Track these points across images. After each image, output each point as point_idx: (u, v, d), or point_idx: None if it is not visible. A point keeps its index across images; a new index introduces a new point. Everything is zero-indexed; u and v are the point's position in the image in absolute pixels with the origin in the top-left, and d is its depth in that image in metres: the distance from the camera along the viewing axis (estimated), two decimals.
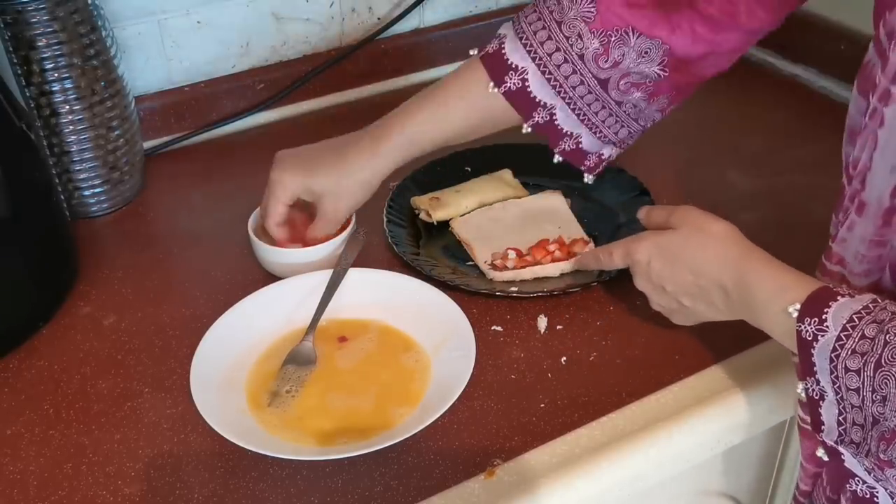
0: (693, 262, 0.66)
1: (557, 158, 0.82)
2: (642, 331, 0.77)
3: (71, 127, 0.89)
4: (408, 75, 1.20)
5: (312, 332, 0.75)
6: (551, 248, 0.84)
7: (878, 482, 0.56)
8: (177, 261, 0.89)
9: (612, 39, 0.74)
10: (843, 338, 0.53)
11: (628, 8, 0.74)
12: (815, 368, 0.55)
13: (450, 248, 0.87)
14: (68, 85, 0.87)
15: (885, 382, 0.51)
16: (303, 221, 0.85)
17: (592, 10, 0.74)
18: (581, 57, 0.75)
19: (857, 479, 0.58)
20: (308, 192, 0.81)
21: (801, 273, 0.60)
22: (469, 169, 0.96)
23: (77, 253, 0.87)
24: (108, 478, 0.65)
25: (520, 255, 0.83)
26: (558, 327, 0.78)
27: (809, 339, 0.55)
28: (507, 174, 0.95)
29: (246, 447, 0.64)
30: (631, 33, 0.74)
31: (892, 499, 0.57)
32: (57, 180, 0.90)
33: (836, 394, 0.54)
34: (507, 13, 1.25)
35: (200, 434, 0.68)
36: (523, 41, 0.77)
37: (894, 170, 0.54)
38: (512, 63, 0.77)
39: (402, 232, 0.88)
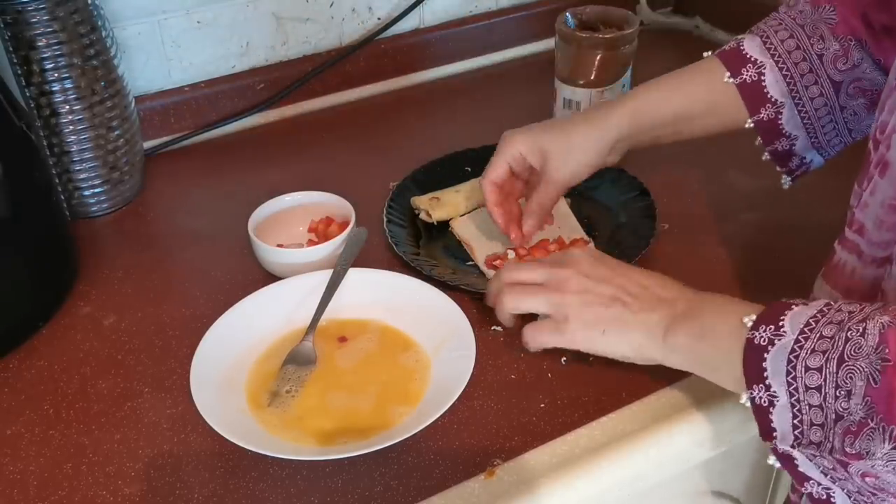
0: (637, 271, 0.68)
1: (766, 157, 0.82)
2: None
3: (71, 127, 0.89)
4: (408, 75, 1.20)
5: (312, 332, 0.75)
6: (551, 248, 0.84)
7: (835, 482, 0.56)
8: (177, 261, 0.89)
9: (852, 44, 0.75)
10: (802, 339, 0.54)
11: (864, 25, 0.75)
12: (765, 374, 0.55)
13: (450, 248, 0.87)
14: (68, 85, 0.87)
15: (850, 377, 0.51)
16: (326, 225, 0.87)
17: (834, 16, 0.75)
18: (820, 57, 0.76)
19: (812, 481, 0.58)
20: (535, 150, 0.81)
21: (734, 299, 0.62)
22: (469, 169, 0.96)
23: (77, 253, 0.87)
24: (108, 478, 0.65)
25: (520, 255, 0.83)
26: None
27: (764, 344, 0.56)
28: None
29: (246, 447, 0.64)
30: (864, 44, 0.75)
31: (850, 498, 0.56)
32: (57, 180, 0.90)
33: (792, 396, 0.54)
34: (507, 13, 1.25)
35: (200, 434, 0.68)
36: (763, 38, 0.78)
37: None
38: (750, 56, 0.78)
39: (402, 232, 0.88)
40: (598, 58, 0.97)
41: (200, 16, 1.05)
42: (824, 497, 0.58)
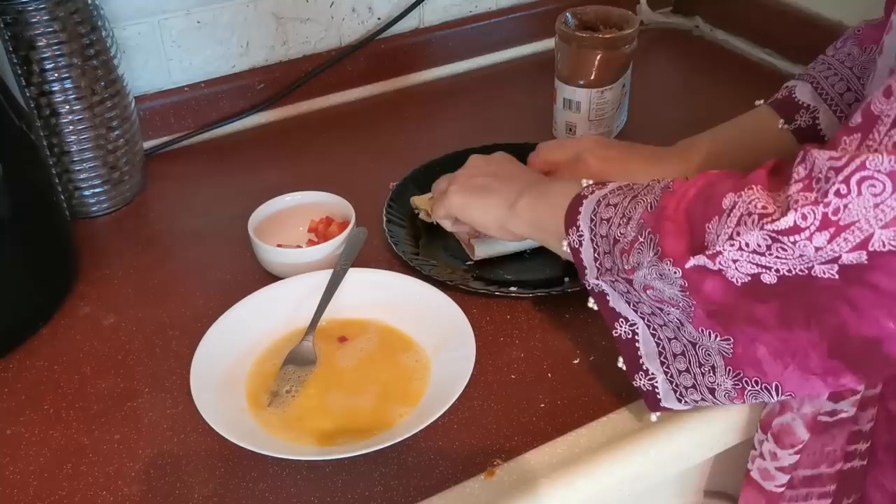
0: (504, 163, 0.79)
1: None
2: None
3: (71, 127, 0.89)
4: (408, 75, 1.20)
5: (312, 332, 0.75)
6: None
7: (635, 311, 0.63)
8: (177, 261, 0.89)
9: (874, 49, 0.76)
10: (616, 188, 0.64)
11: None
12: (578, 217, 0.64)
13: (449, 248, 0.87)
14: (68, 85, 0.87)
15: (634, 207, 0.61)
16: (326, 225, 0.87)
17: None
18: (850, 69, 0.79)
19: (621, 319, 0.64)
20: (596, 149, 0.83)
21: None
22: None
23: (77, 253, 0.87)
24: (108, 478, 0.65)
25: None
26: (558, 328, 0.78)
27: (586, 195, 0.65)
28: None
29: (246, 447, 0.64)
30: None
31: (649, 328, 0.63)
32: (57, 180, 0.90)
33: (591, 232, 0.63)
34: (506, 13, 1.25)
35: (200, 434, 0.68)
36: (813, 84, 0.81)
37: (892, 72, 0.59)
38: (803, 102, 0.81)
39: (401, 232, 0.88)
40: (598, 58, 0.97)
41: (200, 16, 1.05)
42: (630, 336, 0.64)
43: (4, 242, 0.75)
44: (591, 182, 0.67)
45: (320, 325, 0.76)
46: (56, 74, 0.86)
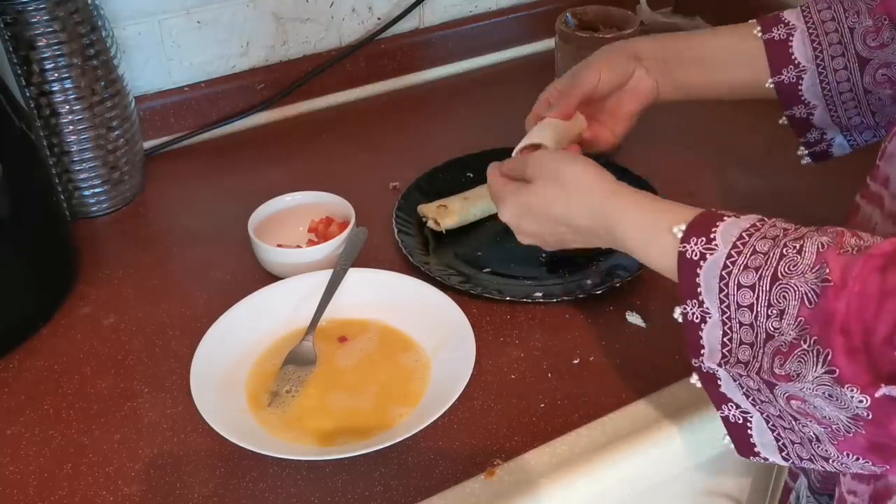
0: (560, 217, 0.67)
1: (783, 121, 0.83)
2: (642, 331, 0.77)
3: (71, 127, 0.89)
4: (408, 75, 1.20)
5: (312, 332, 0.75)
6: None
7: (755, 405, 0.55)
8: (177, 261, 0.89)
9: (886, 23, 0.75)
10: (734, 255, 0.53)
11: None
12: (698, 290, 0.54)
13: (460, 254, 0.87)
14: (68, 85, 0.87)
15: (784, 296, 0.50)
16: (326, 225, 0.87)
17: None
18: (851, 30, 0.77)
19: (730, 404, 0.57)
20: (566, 75, 0.83)
21: (672, 201, 0.61)
22: (471, 175, 0.95)
23: (77, 253, 0.87)
24: (108, 478, 0.65)
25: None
26: (558, 328, 0.78)
27: (696, 258, 0.54)
28: None
29: (246, 447, 0.64)
30: None
31: (768, 423, 0.56)
32: (57, 180, 0.90)
33: (723, 314, 0.53)
34: (506, 13, 1.25)
35: (200, 434, 0.68)
36: (802, 8, 0.80)
37: None
38: (784, 19, 0.80)
39: (411, 240, 0.87)
40: None
41: (200, 16, 1.05)
42: (740, 421, 0.57)
43: (4, 242, 0.75)
44: (681, 227, 0.57)
45: (320, 325, 0.76)
46: (56, 74, 0.86)
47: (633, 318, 0.78)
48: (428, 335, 0.75)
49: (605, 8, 1.01)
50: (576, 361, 0.74)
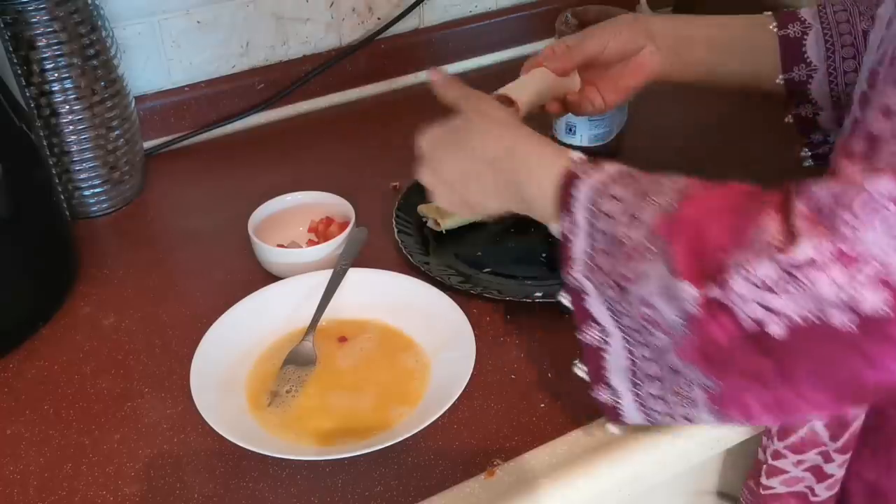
0: (471, 141, 0.67)
1: (789, 119, 0.83)
2: None
3: (71, 127, 0.89)
4: (408, 75, 1.20)
5: (312, 332, 0.75)
6: None
7: (614, 318, 0.58)
8: (177, 261, 0.89)
9: None
10: (616, 176, 0.58)
11: None
12: (571, 203, 0.58)
13: (461, 254, 0.87)
14: (68, 85, 0.87)
15: (643, 206, 0.54)
16: (326, 225, 0.87)
17: None
18: (864, 33, 0.77)
19: (591, 322, 0.59)
20: (577, 36, 0.82)
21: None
22: None
23: (77, 253, 0.87)
24: (108, 478, 0.65)
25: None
26: (558, 328, 0.78)
27: (579, 175, 0.59)
28: None
29: (246, 447, 0.64)
30: None
31: (626, 342, 0.58)
32: (57, 180, 0.90)
33: (590, 225, 0.57)
34: (506, 13, 1.25)
35: (200, 434, 0.68)
36: (819, 7, 0.80)
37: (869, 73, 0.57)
38: (801, 17, 0.80)
39: (410, 240, 0.87)
40: None
41: (200, 16, 1.05)
42: (599, 344, 0.60)
43: (4, 242, 0.75)
44: (580, 157, 0.61)
45: (320, 325, 0.76)
46: (56, 74, 0.86)
47: None
48: (428, 335, 0.75)
49: (605, 8, 1.01)
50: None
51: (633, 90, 0.83)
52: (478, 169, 0.66)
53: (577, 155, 0.62)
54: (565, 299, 0.61)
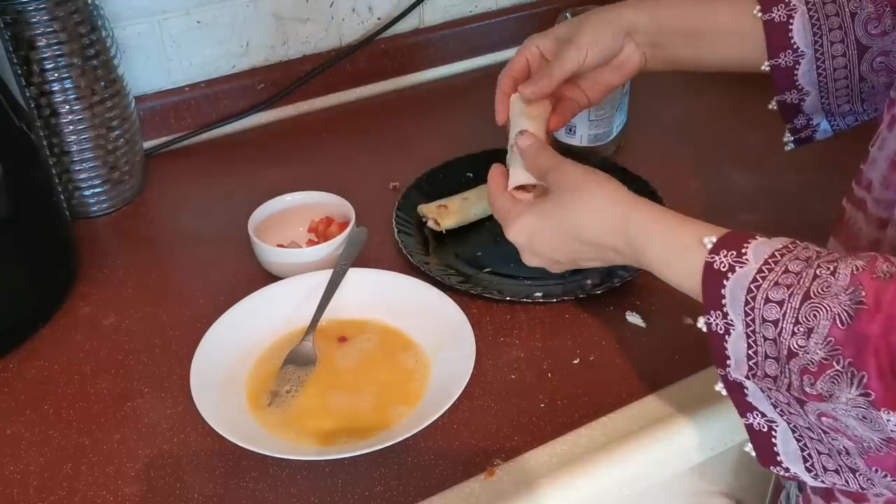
0: (577, 230, 0.65)
1: (772, 106, 0.81)
2: (642, 331, 0.77)
3: (71, 127, 0.89)
4: (408, 75, 1.20)
5: (312, 332, 0.75)
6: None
7: (783, 416, 0.55)
8: (177, 261, 0.89)
9: (887, 10, 0.73)
10: (765, 270, 0.52)
11: None
12: (723, 301, 0.54)
13: (461, 254, 0.87)
14: (68, 85, 0.87)
15: (814, 315, 0.49)
16: (326, 225, 0.86)
17: None
18: (853, 16, 0.75)
19: (756, 412, 0.56)
20: (550, 41, 0.80)
21: (693, 218, 0.60)
22: (471, 175, 0.95)
23: (77, 253, 0.87)
24: (108, 478, 0.65)
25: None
26: (558, 328, 0.78)
27: (724, 270, 0.54)
28: None
29: (246, 447, 0.64)
30: None
31: (794, 433, 0.55)
32: (57, 180, 0.90)
33: (748, 327, 0.53)
34: (507, 13, 1.25)
35: (200, 434, 0.68)
36: None
37: None
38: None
39: (411, 240, 0.87)
40: None
41: (200, 16, 1.05)
42: (765, 430, 0.57)
43: (4, 242, 0.75)
44: (711, 238, 0.56)
45: (320, 325, 0.76)
46: (56, 74, 0.86)
47: (633, 318, 0.78)
48: (428, 335, 0.75)
49: (604, 8, 1.01)
50: (576, 361, 0.74)
51: (616, 87, 0.83)
52: (587, 247, 0.65)
53: (706, 235, 0.57)
54: (720, 388, 0.57)
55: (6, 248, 0.76)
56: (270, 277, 0.83)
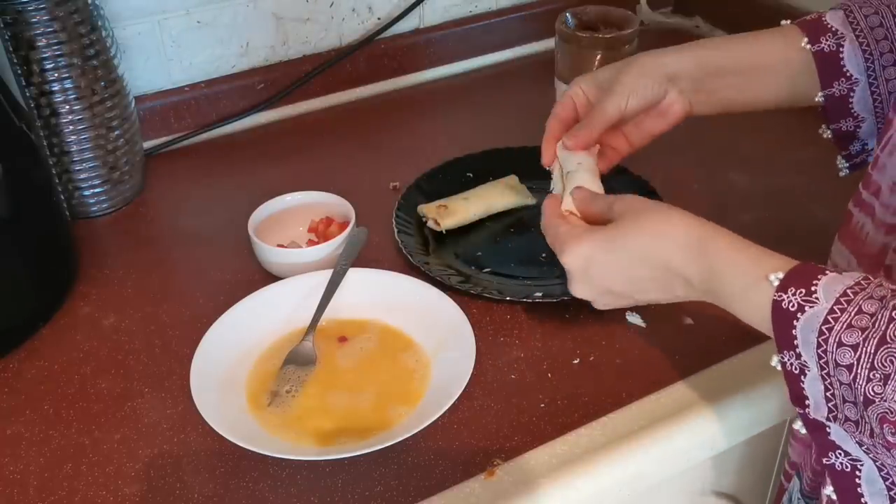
0: (646, 255, 0.61)
1: (827, 134, 0.78)
2: (642, 331, 0.77)
3: (71, 127, 0.89)
4: (408, 75, 1.20)
5: (312, 332, 0.75)
6: None
7: (868, 454, 0.53)
8: (177, 261, 0.89)
9: None
10: (837, 311, 0.50)
11: None
12: (795, 342, 0.52)
13: (460, 254, 0.87)
14: (68, 85, 0.87)
15: (891, 361, 0.47)
16: (326, 225, 0.86)
17: None
18: None
19: (839, 451, 0.54)
20: (593, 84, 0.77)
21: (763, 247, 0.58)
22: (471, 175, 0.95)
23: (77, 253, 0.87)
24: (108, 478, 0.65)
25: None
26: (558, 328, 0.78)
27: (793, 309, 0.51)
28: (513, 179, 0.94)
29: (246, 447, 0.64)
30: None
31: (881, 471, 0.53)
32: (57, 180, 0.90)
33: (822, 370, 0.51)
34: (506, 13, 1.25)
35: (200, 434, 0.68)
36: (846, 12, 0.74)
37: None
38: (831, 26, 0.73)
39: (411, 240, 0.87)
40: (598, 58, 0.97)
41: (200, 16, 1.05)
42: (848, 469, 0.54)
43: (4, 242, 0.75)
44: (778, 275, 0.53)
45: (320, 324, 0.76)
46: (56, 74, 0.86)
47: (633, 318, 0.78)
48: (428, 335, 0.75)
49: (605, 8, 1.01)
50: (576, 361, 0.74)
51: (659, 134, 0.80)
52: (655, 274, 0.61)
53: (773, 273, 0.54)
54: (800, 426, 0.55)
55: (6, 248, 0.76)
56: (270, 277, 0.83)
